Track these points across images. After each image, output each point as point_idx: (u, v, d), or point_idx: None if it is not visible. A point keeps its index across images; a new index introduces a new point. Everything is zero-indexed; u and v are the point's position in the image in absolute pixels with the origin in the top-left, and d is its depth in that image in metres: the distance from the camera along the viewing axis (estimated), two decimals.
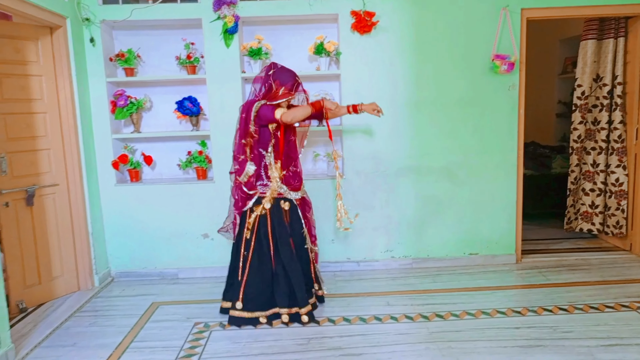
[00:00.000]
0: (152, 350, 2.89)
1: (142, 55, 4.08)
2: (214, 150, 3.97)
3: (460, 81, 3.95)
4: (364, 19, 3.81)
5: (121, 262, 4.10)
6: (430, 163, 4.03)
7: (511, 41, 3.88)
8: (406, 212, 4.09)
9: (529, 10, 3.90)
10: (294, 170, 3.30)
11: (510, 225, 4.14)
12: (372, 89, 3.92)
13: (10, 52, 3.38)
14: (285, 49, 4.09)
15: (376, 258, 4.14)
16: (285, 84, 3.10)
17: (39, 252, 3.59)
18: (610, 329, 2.96)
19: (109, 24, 3.92)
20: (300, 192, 3.30)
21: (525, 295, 3.53)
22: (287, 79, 3.11)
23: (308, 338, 2.98)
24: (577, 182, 4.61)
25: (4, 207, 3.35)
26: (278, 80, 3.10)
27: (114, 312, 3.46)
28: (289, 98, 3.11)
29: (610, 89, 4.29)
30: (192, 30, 3.98)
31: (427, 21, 3.89)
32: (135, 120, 4.03)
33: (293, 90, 3.12)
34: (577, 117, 4.48)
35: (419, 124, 3.99)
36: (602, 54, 4.33)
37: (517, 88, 3.96)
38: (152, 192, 4.02)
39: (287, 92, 3.09)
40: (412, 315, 3.24)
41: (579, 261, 4.16)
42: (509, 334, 2.94)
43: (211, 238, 4.07)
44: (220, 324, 3.21)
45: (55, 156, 3.66)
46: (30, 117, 3.51)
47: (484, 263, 4.15)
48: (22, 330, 3.18)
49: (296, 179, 3.29)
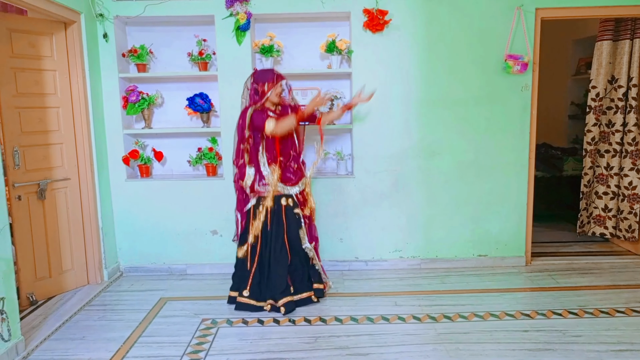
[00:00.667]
0: (160, 346, 2.91)
1: (155, 52, 4.10)
2: (224, 147, 3.97)
3: (473, 81, 3.92)
4: (377, 17, 3.79)
5: (130, 256, 4.13)
6: (441, 162, 4.01)
7: (525, 41, 3.84)
8: (415, 211, 4.07)
9: (544, 10, 3.85)
10: (294, 167, 3.43)
11: (520, 227, 4.10)
12: (383, 87, 3.91)
13: (25, 46, 3.41)
14: (297, 46, 4.08)
15: (384, 258, 4.13)
16: (267, 81, 3.29)
17: (50, 245, 3.63)
18: (621, 334, 2.92)
19: (123, 19, 3.94)
20: (298, 186, 3.43)
21: (535, 298, 3.50)
22: (266, 76, 3.32)
23: (315, 337, 2.98)
24: (590, 185, 4.56)
25: (16, 200, 3.39)
26: (260, 81, 3.32)
27: (123, 307, 3.49)
28: (277, 91, 3.31)
29: (625, 90, 4.23)
30: (205, 26, 3.99)
31: (440, 20, 3.86)
32: (147, 116, 4.05)
33: (275, 81, 3.30)
34: (591, 119, 4.43)
35: (429, 123, 3.97)
36: (618, 55, 4.27)
37: (530, 88, 3.92)
38: (162, 187, 4.04)
39: (271, 84, 3.29)
40: (419, 316, 3.22)
41: (590, 265, 4.12)
42: (517, 337, 2.92)
43: (220, 234, 4.09)
44: (228, 320, 3.22)
45: (67, 150, 3.69)
46: (43, 111, 3.54)
47: (493, 265, 4.12)
48: (32, 323, 3.21)
49: (296, 175, 3.44)
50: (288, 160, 3.41)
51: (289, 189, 3.38)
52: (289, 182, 3.39)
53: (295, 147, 3.47)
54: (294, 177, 3.43)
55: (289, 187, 3.39)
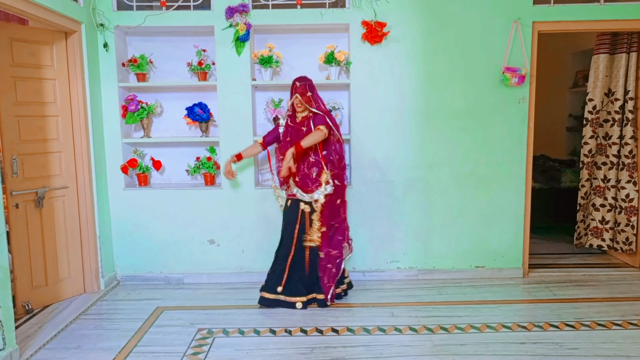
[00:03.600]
0: (155, 355, 2.90)
1: (154, 61, 4.13)
2: (223, 156, 3.98)
3: (470, 93, 3.95)
4: (375, 29, 3.82)
5: (127, 265, 4.12)
6: (438, 174, 4.02)
7: (522, 54, 3.88)
8: (412, 222, 4.07)
9: (541, 24, 3.89)
10: (305, 172, 3.52)
11: (518, 239, 4.11)
12: (381, 98, 3.94)
13: (25, 55, 3.44)
14: (296, 57, 4.11)
15: (382, 268, 4.12)
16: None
17: (47, 253, 3.62)
18: (618, 347, 2.91)
19: (123, 29, 3.97)
20: (309, 195, 3.51)
21: (532, 310, 3.49)
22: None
23: (311, 347, 2.97)
24: (587, 197, 4.57)
25: (13, 208, 3.39)
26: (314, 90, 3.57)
27: (119, 316, 3.48)
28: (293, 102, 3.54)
29: (622, 103, 4.26)
30: (204, 37, 4.02)
31: (438, 32, 3.89)
32: (146, 125, 4.07)
33: (290, 95, 3.56)
34: (588, 132, 4.45)
35: (427, 134, 3.99)
36: (615, 68, 4.30)
37: (527, 101, 3.95)
38: (160, 196, 4.04)
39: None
40: (416, 327, 3.21)
41: (587, 277, 4.12)
42: (514, 349, 2.91)
43: (217, 244, 4.08)
44: (224, 330, 3.21)
45: (66, 159, 3.70)
46: (42, 120, 3.56)
47: (491, 276, 4.12)
48: (28, 331, 3.20)
49: (308, 182, 3.51)
50: (300, 167, 3.58)
51: (303, 195, 3.55)
52: (305, 189, 3.55)
53: (304, 155, 3.59)
54: (308, 184, 3.55)
55: (304, 194, 3.55)
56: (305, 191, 3.52)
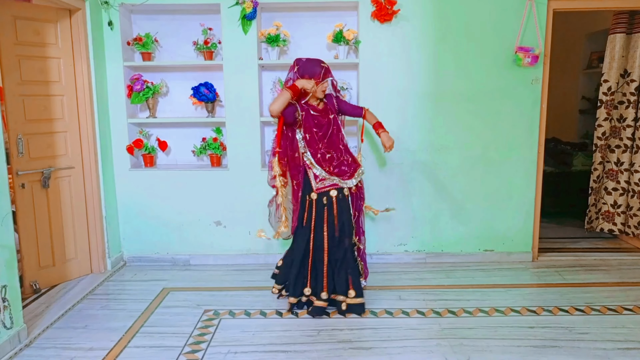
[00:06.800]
0: (162, 336, 2.90)
1: (160, 40, 4.06)
2: (229, 137, 3.94)
3: (481, 73, 3.86)
4: (385, 7, 3.72)
5: (134, 246, 4.12)
6: (447, 156, 3.96)
7: (536, 33, 3.77)
8: (421, 205, 4.02)
9: (556, 2, 3.77)
10: (340, 160, 3.20)
11: (528, 223, 4.05)
12: (390, 79, 3.85)
13: (29, 34, 3.39)
14: (304, 36, 4.03)
15: (389, 251, 4.09)
16: (314, 76, 3.07)
17: (54, 234, 3.62)
18: (628, 332, 2.87)
19: (128, 7, 3.90)
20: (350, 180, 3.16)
21: (541, 295, 3.45)
22: (313, 70, 3.07)
23: (318, 330, 2.95)
24: (599, 181, 4.49)
25: (19, 188, 3.38)
26: (306, 74, 3.07)
27: (125, 296, 3.48)
28: (324, 87, 3.10)
29: (638, 85, 4.15)
30: (210, 15, 3.94)
31: (450, 11, 3.79)
32: (151, 105, 4.02)
33: (322, 78, 3.08)
34: (602, 114, 4.35)
35: (436, 117, 3.91)
36: (631, 48, 4.18)
37: (540, 82, 3.85)
38: (166, 177, 4.02)
39: (318, 80, 3.06)
40: (424, 310, 3.19)
41: (598, 261, 4.06)
42: (522, 333, 2.87)
43: (223, 226, 4.06)
44: (230, 312, 3.20)
45: (71, 139, 3.67)
46: (47, 99, 3.52)
47: (499, 260, 4.08)
48: (35, 311, 3.21)
49: (345, 168, 3.19)
50: (327, 151, 3.23)
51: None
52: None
53: (323, 141, 3.21)
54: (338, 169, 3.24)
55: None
56: (344, 179, 3.15)
